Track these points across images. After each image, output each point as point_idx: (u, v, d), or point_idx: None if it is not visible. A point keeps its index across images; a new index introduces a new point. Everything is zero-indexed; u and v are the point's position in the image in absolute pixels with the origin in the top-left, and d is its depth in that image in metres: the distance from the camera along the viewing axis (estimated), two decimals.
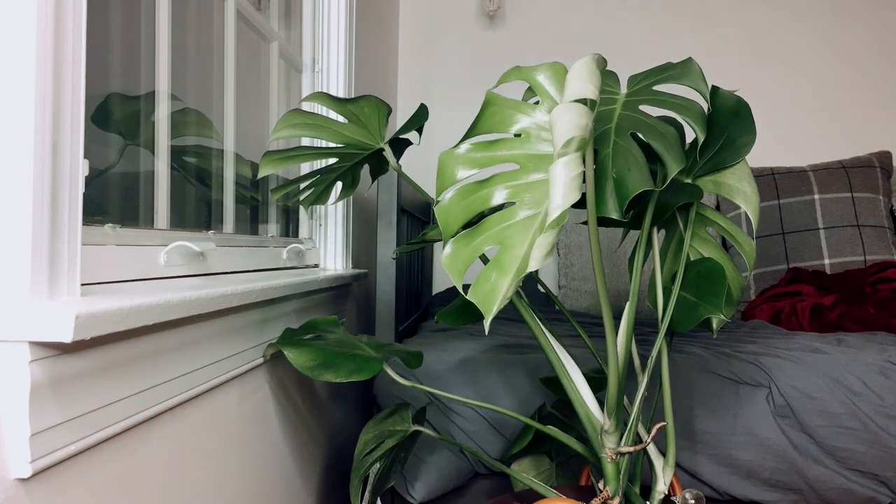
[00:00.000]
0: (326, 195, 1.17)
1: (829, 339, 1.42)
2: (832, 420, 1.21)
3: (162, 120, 0.92)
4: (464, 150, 0.77)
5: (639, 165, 0.75)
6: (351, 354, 0.96)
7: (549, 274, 2.43)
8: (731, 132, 0.91)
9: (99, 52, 0.79)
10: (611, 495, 0.88)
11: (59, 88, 0.56)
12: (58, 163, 0.57)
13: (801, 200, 2.06)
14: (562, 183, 0.66)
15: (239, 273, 1.08)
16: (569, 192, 0.66)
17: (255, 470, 1.03)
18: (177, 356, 0.75)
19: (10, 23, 0.53)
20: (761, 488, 1.22)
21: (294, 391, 1.23)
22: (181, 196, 1.00)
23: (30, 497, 0.54)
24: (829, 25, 2.39)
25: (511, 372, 1.29)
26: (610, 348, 0.83)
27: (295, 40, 1.51)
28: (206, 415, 0.86)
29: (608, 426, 0.86)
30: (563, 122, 0.66)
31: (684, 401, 1.24)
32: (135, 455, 0.69)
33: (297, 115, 1.03)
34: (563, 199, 0.65)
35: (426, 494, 1.24)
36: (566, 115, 0.67)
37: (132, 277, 0.77)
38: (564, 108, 0.67)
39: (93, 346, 0.59)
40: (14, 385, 0.52)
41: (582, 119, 0.68)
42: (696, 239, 1.00)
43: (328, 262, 1.55)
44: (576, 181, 0.67)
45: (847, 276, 1.84)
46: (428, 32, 2.49)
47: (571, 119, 0.67)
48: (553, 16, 2.46)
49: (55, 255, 0.57)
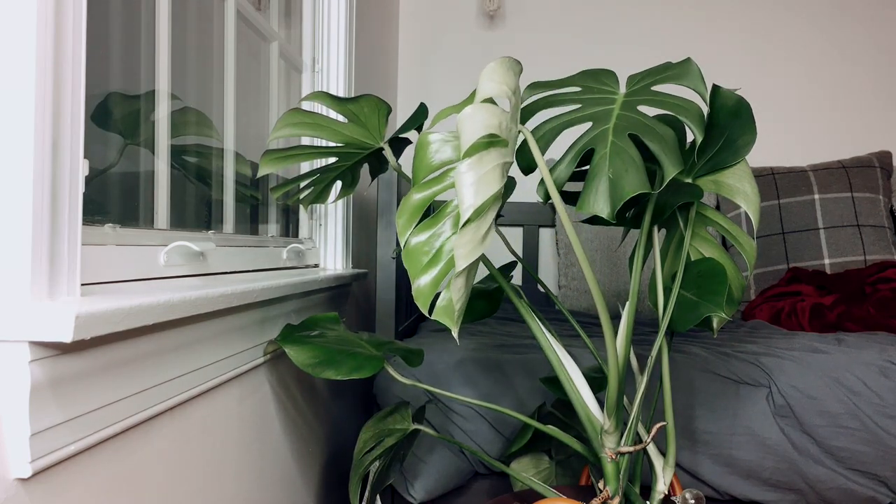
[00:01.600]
0: (326, 194, 1.17)
1: (829, 339, 1.42)
2: (832, 420, 1.21)
3: (162, 119, 0.92)
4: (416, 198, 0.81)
5: (636, 166, 0.75)
6: (352, 352, 0.96)
7: (549, 274, 2.43)
8: (731, 132, 0.91)
9: (99, 52, 0.78)
10: (611, 495, 0.88)
11: (59, 88, 0.56)
12: (58, 163, 0.57)
13: (801, 200, 2.06)
14: (469, 184, 0.68)
15: (239, 273, 1.08)
16: (479, 190, 0.68)
17: (255, 469, 1.03)
18: (177, 356, 0.75)
19: (10, 22, 0.53)
20: (761, 488, 1.22)
21: (294, 391, 1.23)
22: (181, 196, 1.00)
23: (30, 497, 0.54)
24: (829, 25, 2.39)
25: (511, 372, 1.29)
26: (609, 348, 0.83)
27: (295, 40, 1.51)
28: (207, 415, 0.86)
29: (608, 426, 0.86)
30: (470, 122, 0.69)
31: (684, 401, 1.24)
32: (135, 455, 0.69)
33: (297, 115, 1.03)
34: (475, 198, 0.68)
35: (426, 494, 1.24)
36: (475, 115, 0.69)
37: (132, 277, 0.77)
38: (472, 110, 0.69)
39: (93, 346, 0.59)
40: (14, 385, 0.52)
41: (493, 118, 0.70)
42: (697, 238, 1.00)
43: (328, 261, 1.55)
44: (490, 175, 0.69)
45: (847, 276, 1.84)
46: (428, 32, 2.49)
47: (481, 118, 0.69)
48: (553, 15, 2.46)
49: (55, 255, 0.57)
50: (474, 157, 0.69)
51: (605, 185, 0.74)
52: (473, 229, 0.69)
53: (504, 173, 0.72)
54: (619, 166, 0.75)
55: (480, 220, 0.70)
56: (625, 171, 0.75)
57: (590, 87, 0.87)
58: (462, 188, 0.68)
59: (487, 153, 0.69)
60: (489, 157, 0.70)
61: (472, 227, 0.69)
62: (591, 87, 0.87)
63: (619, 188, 0.74)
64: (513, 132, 0.74)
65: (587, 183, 0.76)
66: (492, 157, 0.70)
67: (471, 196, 0.68)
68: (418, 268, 0.77)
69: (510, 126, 0.73)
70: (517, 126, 0.76)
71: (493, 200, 0.72)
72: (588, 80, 0.89)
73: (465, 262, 0.70)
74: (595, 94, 0.87)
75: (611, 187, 0.74)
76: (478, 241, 0.70)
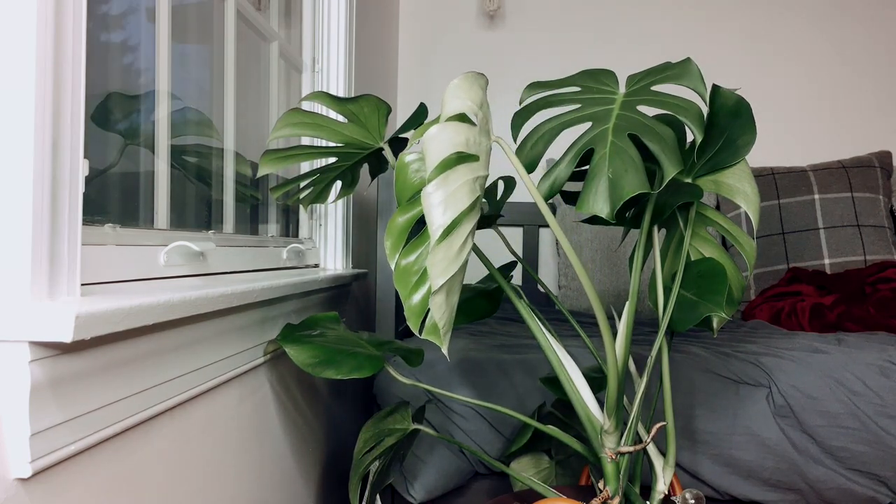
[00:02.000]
0: (326, 194, 1.17)
1: (829, 339, 1.42)
2: (832, 420, 1.21)
3: (162, 120, 0.92)
4: (400, 220, 0.83)
5: (635, 166, 0.75)
6: (352, 352, 0.96)
7: (549, 274, 2.43)
8: (731, 132, 0.91)
9: (99, 52, 0.79)
10: (610, 495, 0.88)
11: (59, 88, 0.57)
12: (58, 163, 0.57)
13: (801, 200, 2.06)
14: (437, 203, 0.69)
15: (239, 273, 1.08)
16: (449, 208, 0.69)
17: (255, 469, 1.03)
18: (177, 356, 0.75)
19: (10, 22, 0.53)
20: (761, 488, 1.22)
21: (294, 390, 1.23)
22: (181, 196, 1.00)
23: (30, 497, 0.54)
24: (829, 25, 2.39)
25: (511, 371, 1.29)
26: (608, 348, 0.83)
27: (295, 40, 1.51)
28: (207, 415, 0.86)
29: (608, 426, 0.86)
30: (435, 143, 0.70)
31: (684, 400, 1.24)
32: (135, 455, 0.69)
33: (297, 115, 1.03)
34: (443, 217, 0.69)
35: (426, 494, 1.24)
36: (439, 135, 0.70)
37: (132, 277, 0.77)
38: (436, 130, 0.70)
39: (93, 346, 0.59)
40: (14, 385, 0.52)
41: (458, 136, 0.70)
42: (697, 238, 1.00)
43: (328, 261, 1.55)
44: (460, 192, 0.70)
45: (847, 276, 1.84)
46: (428, 32, 2.49)
47: (447, 137, 0.70)
48: (553, 15, 2.46)
49: (55, 255, 0.57)
50: (440, 177, 0.69)
51: (604, 185, 0.74)
52: (445, 248, 0.70)
53: (477, 187, 0.73)
54: (618, 166, 0.75)
55: (452, 236, 0.70)
56: (624, 171, 0.75)
57: (589, 87, 0.87)
58: (430, 209, 0.69)
59: (454, 171, 0.70)
60: (457, 174, 0.70)
61: (444, 246, 0.70)
62: (591, 87, 0.87)
63: (618, 188, 0.74)
64: (483, 145, 0.74)
65: (587, 183, 0.76)
66: (460, 174, 0.71)
67: (439, 215, 0.69)
68: (408, 288, 0.79)
69: (479, 140, 0.73)
70: (489, 138, 0.76)
71: (466, 215, 0.72)
72: (587, 80, 0.89)
73: (440, 280, 0.70)
74: (594, 94, 0.87)
75: (610, 187, 0.74)
76: (451, 257, 0.70)
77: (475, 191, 0.72)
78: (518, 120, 0.88)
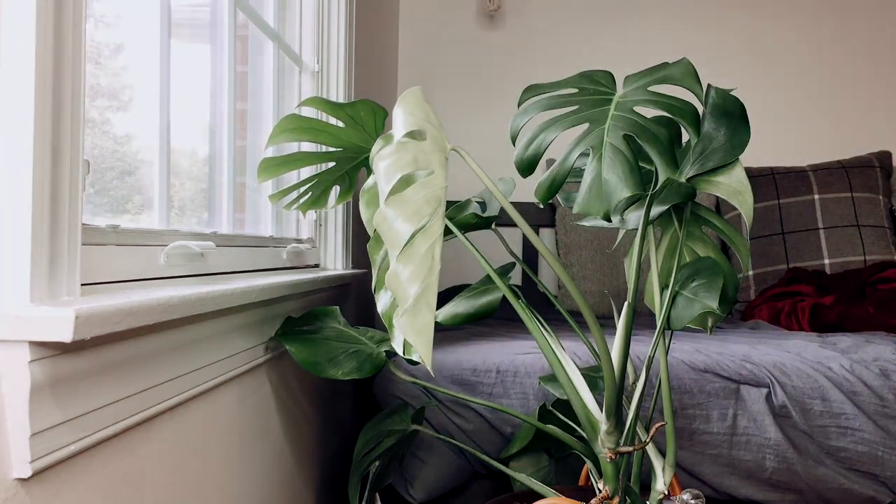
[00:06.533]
0: (324, 199, 1.17)
1: (828, 339, 1.42)
2: (832, 420, 1.21)
3: (162, 119, 0.92)
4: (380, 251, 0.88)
5: (630, 167, 0.75)
6: (353, 351, 0.97)
7: (549, 274, 2.44)
8: (725, 131, 0.91)
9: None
10: (610, 495, 0.88)
11: (59, 88, 0.57)
12: (58, 163, 0.57)
13: (801, 200, 2.06)
14: (401, 222, 0.69)
15: (239, 273, 1.08)
16: (408, 223, 0.69)
17: (255, 469, 1.04)
18: (177, 356, 0.75)
19: (10, 22, 0.53)
20: (761, 488, 1.22)
21: (294, 390, 1.23)
22: (181, 196, 1.00)
23: (30, 497, 0.55)
24: (828, 25, 2.39)
25: (511, 371, 1.29)
26: (600, 348, 0.83)
27: (295, 41, 1.52)
28: (207, 415, 0.86)
29: (607, 426, 0.87)
30: (382, 165, 0.71)
31: (684, 400, 1.24)
32: (135, 455, 0.70)
33: (294, 120, 1.04)
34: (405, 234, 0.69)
35: (426, 494, 1.24)
36: (388, 158, 0.71)
37: (132, 277, 0.77)
38: (385, 152, 0.72)
39: (93, 346, 0.59)
40: (14, 385, 0.52)
41: (406, 155, 0.72)
42: (693, 238, 1.00)
43: (328, 261, 1.56)
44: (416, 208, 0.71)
45: (847, 276, 1.84)
46: (428, 32, 2.50)
47: (393, 161, 0.71)
48: (553, 15, 2.46)
49: (55, 256, 0.57)
50: (394, 198, 0.70)
51: (599, 186, 0.75)
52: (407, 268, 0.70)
53: (435, 199, 0.73)
54: (613, 168, 0.75)
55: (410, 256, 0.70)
56: (619, 172, 0.75)
57: (586, 88, 0.88)
58: (387, 233, 0.69)
59: (408, 190, 0.71)
60: (411, 191, 0.71)
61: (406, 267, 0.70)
62: (588, 89, 0.87)
63: (613, 190, 0.74)
64: (435, 158, 0.75)
65: (582, 184, 0.76)
66: (414, 191, 0.71)
67: (395, 235, 0.69)
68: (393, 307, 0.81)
69: (431, 153, 0.74)
70: (444, 150, 0.77)
71: (424, 232, 0.72)
72: (584, 82, 0.89)
73: (410, 297, 0.70)
74: (591, 95, 0.87)
75: (605, 189, 0.74)
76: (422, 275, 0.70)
77: (431, 202, 0.72)
78: (517, 122, 0.89)
